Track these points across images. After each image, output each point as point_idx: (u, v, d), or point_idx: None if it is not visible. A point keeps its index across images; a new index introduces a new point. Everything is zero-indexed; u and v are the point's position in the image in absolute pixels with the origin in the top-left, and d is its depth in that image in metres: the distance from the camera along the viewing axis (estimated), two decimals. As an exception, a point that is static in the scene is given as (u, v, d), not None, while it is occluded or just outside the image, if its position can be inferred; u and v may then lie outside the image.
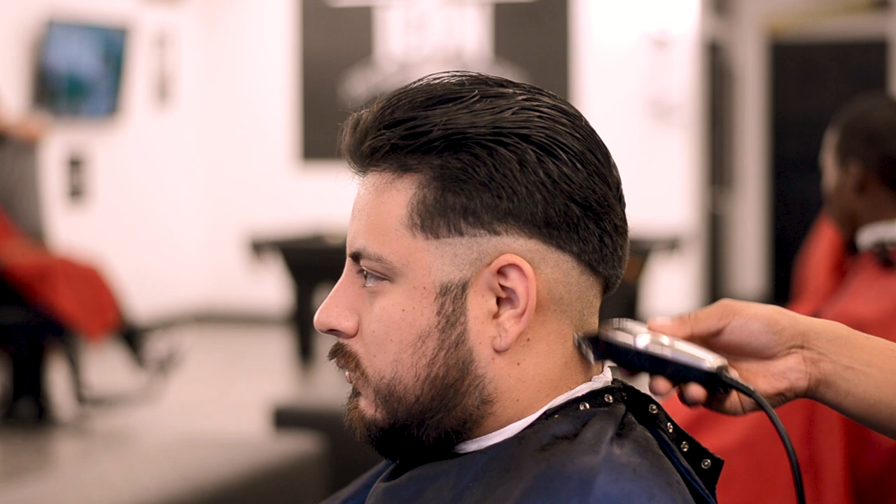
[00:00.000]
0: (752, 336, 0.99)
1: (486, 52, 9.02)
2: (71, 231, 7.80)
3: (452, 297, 0.99)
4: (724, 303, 1.01)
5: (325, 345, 7.93)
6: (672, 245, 7.46)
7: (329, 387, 5.62)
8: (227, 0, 9.56)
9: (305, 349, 7.60)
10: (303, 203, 9.19)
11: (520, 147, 0.98)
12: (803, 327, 0.99)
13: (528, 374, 1.00)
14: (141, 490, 2.54)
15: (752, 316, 0.99)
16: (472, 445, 1.01)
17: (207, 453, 2.87)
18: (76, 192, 8.30)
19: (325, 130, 9.23)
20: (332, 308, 1.03)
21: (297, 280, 7.53)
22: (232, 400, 6.61)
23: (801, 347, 0.99)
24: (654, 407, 1.03)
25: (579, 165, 0.99)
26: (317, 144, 9.30)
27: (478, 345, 0.99)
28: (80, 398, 6.03)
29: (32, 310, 5.81)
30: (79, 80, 8.11)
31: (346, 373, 1.04)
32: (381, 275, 1.00)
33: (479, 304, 0.99)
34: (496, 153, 0.98)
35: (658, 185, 8.66)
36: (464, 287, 0.99)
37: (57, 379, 6.33)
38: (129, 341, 6.20)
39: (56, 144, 7.73)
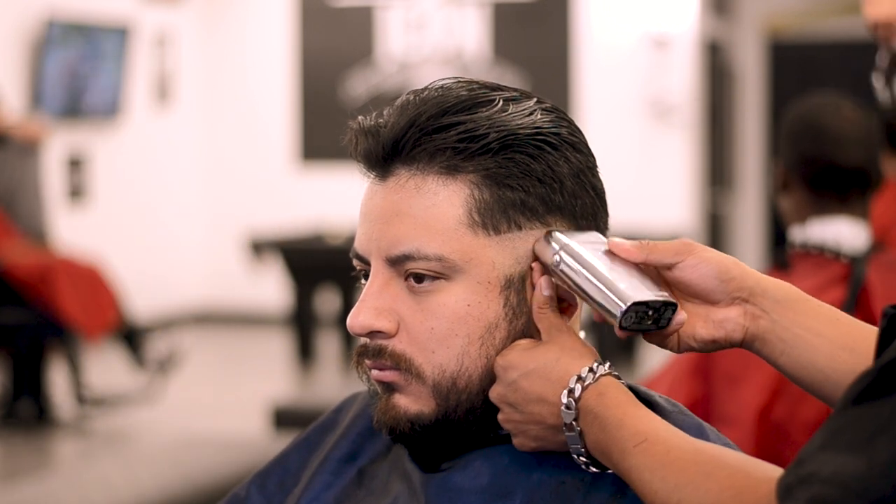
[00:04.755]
0: (701, 278, 1.00)
1: (486, 52, 9.02)
2: (71, 231, 7.80)
3: (516, 289, 1.05)
4: (684, 240, 1.02)
5: (324, 345, 7.93)
6: (672, 245, 7.46)
7: (329, 387, 5.62)
8: (227, 0, 9.56)
9: (305, 349, 7.60)
10: (303, 203, 9.19)
11: (560, 145, 1.06)
12: (752, 282, 1.01)
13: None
14: (141, 490, 2.54)
15: (705, 259, 1.01)
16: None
17: (207, 453, 2.86)
18: (76, 192, 8.30)
19: (325, 130, 9.23)
20: (370, 310, 1.05)
21: (297, 280, 7.53)
22: (232, 400, 6.61)
23: (746, 301, 1.01)
24: None
25: (592, 158, 1.08)
26: (317, 144, 9.30)
27: (535, 332, 1.05)
28: (80, 398, 6.03)
29: (32, 310, 5.81)
30: (79, 81, 8.11)
31: (374, 372, 1.07)
32: (437, 274, 1.04)
33: (532, 294, 1.05)
34: (545, 151, 1.05)
35: (658, 185, 8.66)
36: (523, 279, 1.05)
37: (57, 379, 6.32)
38: (129, 341, 6.21)
39: (56, 144, 7.72)
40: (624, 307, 0.99)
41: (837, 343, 1.00)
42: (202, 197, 9.62)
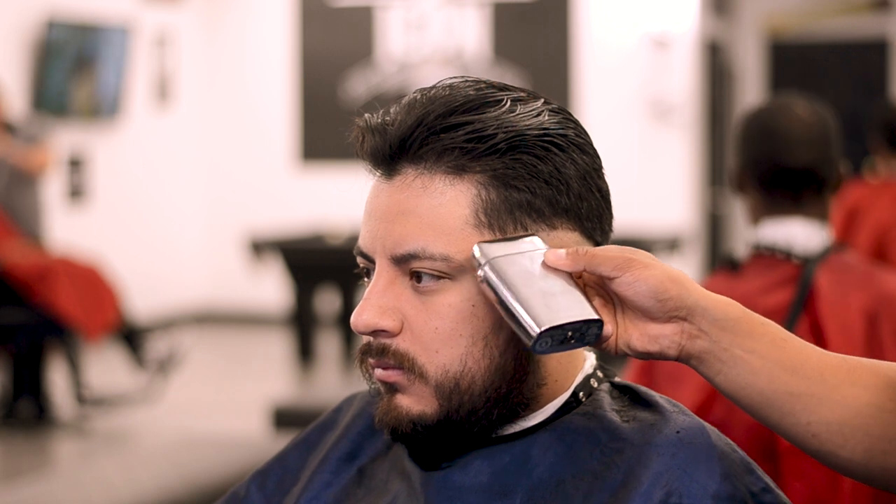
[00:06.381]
0: (636, 296, 0.99)
1: (486, 52, 9.02)
2: (71, 231, 7.80)
3: None
4: (626, 255, 1.00)
5: (324, 345, 7.93)
6: (672, 245, 7.46)
7: (329, 387, 5.62)
8: (227, 0, 9.56)
9: (305, 349, 7.60)
10: (303, 203, 9.19)
11: (567, 146, 1.05)
12: (692, 302, 0.99)
13: (564, 356, 1.08)
14: (141, 490, 2.54)
15: (642, 278, 0.99)
16: (510, 428, 1.07)
17: (207, 453, 2.86)
18: (76, 192, 8.30)
19: (325, 130, 9.23)
20: (373, 308, 1.05)
21: (297, 280, 7.53)
22: (232, 400, 6.61)
23: (684, 320, 0.99)
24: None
25: (598, 160, 1.08)
26: (317, 144, 9.30)
27: None
28: (80, 398, 6.03)
29: (32, 310, 5.81)
30: (78, 81, 8.11)
31: (378, 372, 1.06)
32: (442, 273, 1.03)
33: None
34: (552, 153, 1.04)
35: (658, 185, 8.66)
36: None
37: (57, 379, 6.33)
38: (129, 341, 6.20)
39: (56, 144, 7.72)
40: (535, 333, 0.97)
41: (780, 365, 0.99)
42: (202, 197, 9.62)
